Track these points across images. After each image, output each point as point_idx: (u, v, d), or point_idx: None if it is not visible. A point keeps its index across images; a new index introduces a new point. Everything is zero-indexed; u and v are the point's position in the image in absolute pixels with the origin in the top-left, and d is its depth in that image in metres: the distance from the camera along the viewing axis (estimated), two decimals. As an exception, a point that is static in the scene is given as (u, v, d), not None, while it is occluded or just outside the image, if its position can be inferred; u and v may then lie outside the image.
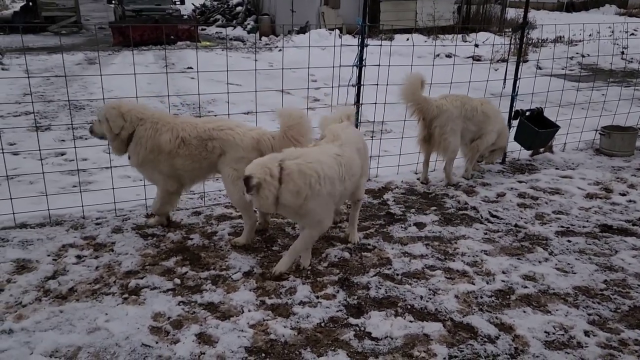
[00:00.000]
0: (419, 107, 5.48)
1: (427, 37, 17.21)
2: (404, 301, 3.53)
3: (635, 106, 8.23)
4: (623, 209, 5.11)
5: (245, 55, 16.19)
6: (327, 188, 3.57)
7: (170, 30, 18.80)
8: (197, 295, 3.55)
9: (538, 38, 14.70)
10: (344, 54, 5.57)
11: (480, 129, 5.71)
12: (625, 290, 3.74)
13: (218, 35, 22.50)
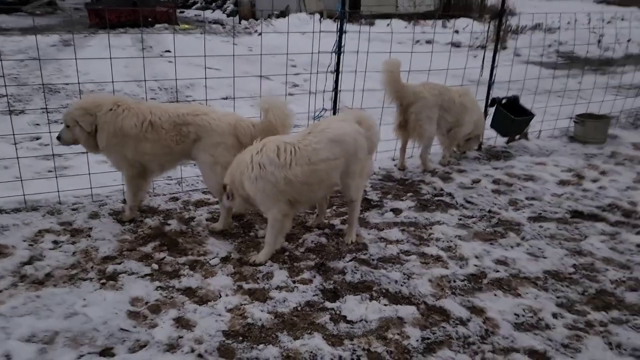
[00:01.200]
0: (397, 93, 5.52)
1: (407, 22, 17.22)
2: (379, 285, 3.60)
3: (609, 94, 8.40)
4: (594, 195, 5.25)
5: (224, 39, 16.01)
6: (256, 172, 3.64)
7: (148, 12, 18.47)
8: (175, 280, 3.57)
9: (517, 25, 14.82)
10: (324, 40, 5.56)
11: (457, 119, 5.79)
12: (593, 274, 3.87)
13: (197, 18, 22.17)
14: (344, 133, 3.82)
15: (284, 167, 3.63)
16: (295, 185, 3.68)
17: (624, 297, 3.59)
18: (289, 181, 3.65)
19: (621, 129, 7.45)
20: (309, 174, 3.69)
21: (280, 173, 3.63)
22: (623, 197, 5.20)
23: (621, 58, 12.68)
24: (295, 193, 3.74)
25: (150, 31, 16.98)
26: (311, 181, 3.73)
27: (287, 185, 3.65)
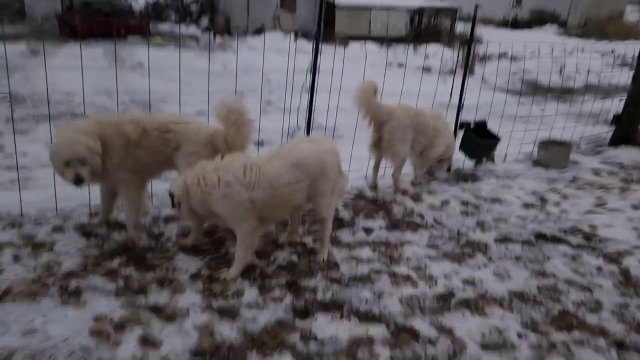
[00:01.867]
0: (371, 112, 5.60)
1: (380, 46, 17.55)
2: (349, 304, 3.61)
3: (570, 121, 8.73)
4: (556, 218, 5.41)
5: (198, 54, 15.95)
6: (223, 190, 3.64)
7: (121, 24, 18.29)
8: (141, 296, 3.49)
9: (484, 53, 15.29)
10: (299, 59, 5.63)
11: (430, 142, 5.91)
12: (556, 295, 3.97)
13: (171, 32, 22.05)
14: (306, 156, 3.87)
15: (248, 187, 3.67)
16: (259, 206, 3.73)
17: (585, 318, 3.69)
18: (253, 201, 3.69)
19: (581, 155, 7.73)
20: (271, 197, 3.74)
21: (246, 192, 3.67)
22: (584, 220, 5.38)
23: (581, 87, 13.21)
24: (260, 212, 3.78)
25: (122, 43, 16.79)
26: (273, 203, 3.79)
27: (251, 204, 3.70)
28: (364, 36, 17.05)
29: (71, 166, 3.67)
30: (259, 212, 3.77)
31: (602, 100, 9.92)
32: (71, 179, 3.71)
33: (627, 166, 7.43)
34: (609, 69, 13.44)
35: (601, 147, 8.24)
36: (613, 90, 10.81)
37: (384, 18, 21.81)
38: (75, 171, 3.68)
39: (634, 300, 3.96)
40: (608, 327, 3.60)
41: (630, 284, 4.23)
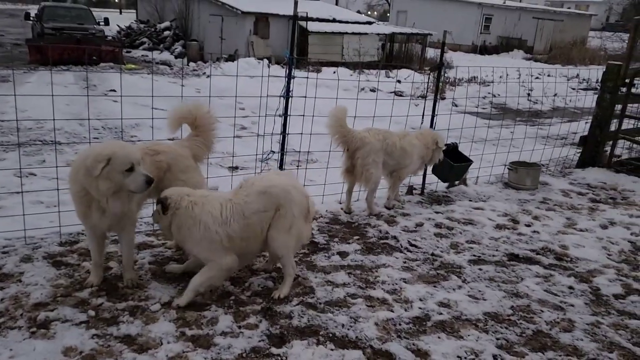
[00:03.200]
0: (344, 138, 5.65)
1: (352, 71, 17.83)
2: (325, 329, 3.58)
3: (538, 144, 8.97)
4: (528, 239, 5.51)
5: (171, 80, 15.94)
6: (202, 232, 3.64)
7: (93, 50, 18.18)
8: (113, 327, 3.41)
9: (454, 77, 15.69)
10: (272, 84, 5.68)
11: (398, 162, 5.99)
12: (530, 315, 4.02)
13: (144, 59, 22.01)
14: (272, 185, 3.85)
15: (225, 225, 3.67)
16: (236, 241, 3.72)
17: (558, 337, 3.74)
18: (231, 238, 3.69)
19: (550, 176, 7.93)
20: (245, 228, 3.74)
21: (224, 231, 3.67)
22: (555, 240, 5.49)
23: (548, 110, 13.63)
24: (238, 248, 3.76)
25: (94, 70, 16.67)
26: (247, 236, 3.77)
27: (230, 241, 3.70)
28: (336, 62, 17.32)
29: (135, 170, 3.54)
30: (238, 246, 3.75)
31: (568, 122, 10.24)
32: (143, 180, 3.54)
33: (595, 187, 7.65)
34: (575, 93, 13.91)
35: (569, 169, 8.47)
36: (579, 112, 11.18)
37: (356, 44, 22.22)
38: (144, 172, 3.58)
39: (605, 319, 4.04)
40: (581, 346, 3.65)
41: (601, 302, 4.31)
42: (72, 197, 3.64)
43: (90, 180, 3.44)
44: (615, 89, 8.02)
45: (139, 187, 3.57)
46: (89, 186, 3.47)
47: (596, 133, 8.29)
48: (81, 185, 3.52)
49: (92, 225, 3.73)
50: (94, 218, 3.62)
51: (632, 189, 7.53)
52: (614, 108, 8.16)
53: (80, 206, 3.62)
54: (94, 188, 3.47)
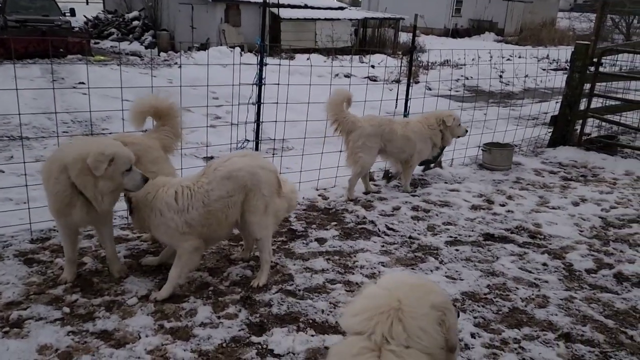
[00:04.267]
0: (338, 120, 5.75)
1: (326, 57, 17.75)
2: (305, 316, 3.59)
3: (511, 125, 9.08)
4: (503, 219, 5.60)
5: (142, 71, 15.63)
6: (158, 219, 3.63)
7: (59, 42, 17.66)
8: (88, 323, 3.35)
9: (427, 61, 15.75)
10: (246, 72, 5.60)
11: (402, 150, 6.04)
12: (506, 293, 4.09)
13: (113, 50, 21.51)
14: (237, 168, 3.73)
15: (182, 212, 3.60)
16: (196, 228, 3.66)
17: (533, 313, 3.82)
18: (190, 225, 3.63)
19: (523, 156, 8.05)
20: (206, 216, 3.66)
21: (180, 218, 3.60)
22: (528, 219, 5.59)
23: (520, 91, 13.80)
24: (199, 232, 3.70)
25: (61, 62, 16.23)
26: (209, 222, 3.70)
27: (189, 228, 3.64)
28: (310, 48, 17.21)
29: (132, 169, 3.57)
30: (198, 232, 3.69)
31: (539, 103, 10.39)
32: (140, 179, 3.58)
33: (566, 165, 7.80)
34: (545, 73, 14.11)
35: (541, 148, 8.61)
36: (549, 93, 11.35)
37: (329, 30, 22.10)
38: (139, 171, 3.62)
39: (578, 294, 4.14)
40: (555, 321, 3.74)
41: (574, 278, 4.42)
42: (49, 195, 3.53)
43: (86, 179, 3.38)
44: (584, 69, 8.14)
45: (136, 186, 3.58)
46: (84, 186, 3.40)
47: (566, 112, 8.43)
48: (66, 185, 3.42)
49: (70, 223, 3.65)
50: (76, 216, 3.55)
51: (601, 166, 7.70)
52: (583, 87, 8.30)
53: (59, 204, 3.51)
54: (90, 187, 3.41)
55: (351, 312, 2.00)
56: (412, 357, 1.86)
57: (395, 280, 2.11)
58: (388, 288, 2.03)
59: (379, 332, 1.88)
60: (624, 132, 9.34)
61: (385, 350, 1.85)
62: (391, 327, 1.90)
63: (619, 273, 4.50)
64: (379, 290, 2.04)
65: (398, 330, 1.90)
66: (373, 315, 1.93)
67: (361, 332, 1.92)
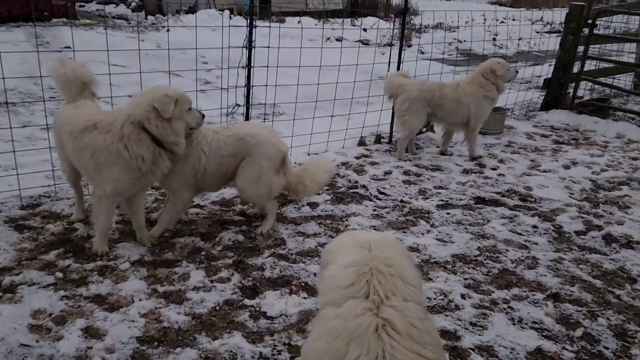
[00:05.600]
0: (388, 87, 6.05)
1: (317, 20, 17.41)
2: (298, 279, 3.62)
3: (504, 89, 9.00)
4: (494, 182, 5.62)
5: (130, 35, 15.26)
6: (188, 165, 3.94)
7: (44, 5, 17.17)
8: (82, 288, 3.37)
9: (420, 24, 15.49)
10: (235, 36, 5.48)
11: (455, 114, 6.03)
12: (496, 255, 4.14)
13: (99, 13, 20.95)
14: (251, 134, 4.06)
15: (209, 159, 3.96)
16: (207, 175, 4.00)
17: (523, 275, 3.88)
18: (205, 171, 3.96)
19: (515, 120, 8.04)
20: (217, 167, 4.00)
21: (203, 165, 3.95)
22: (519, 182, 5.62)
23: (513, 55, 13.66)
24: (203, 182, 4.04)
25: (46, 25, 15.81)
26: (216, 173, 4.04)
27: (203, 174, 3.97)
28: (300, 11, 16.86)
29: (191, 108, 3.77)
30: (203, 181, 4.02)
31: (533, 66, 10.30)
32: (200, 115, 3.84)
33: (558, 128, 7.80)
34: (539, 36, 13.96)
35: (533, 112, 8.59)
36: (543, 56, 11.25)
37: (321, -8, 21.58)
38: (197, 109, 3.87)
39: (567, 255, 4.19)
40: (544, 281, 3.80)
41: (563, 239, 4.47)
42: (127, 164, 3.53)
43: (164, 125, 3.53)
44: (577, 30, 8.06)
45: (198, 123, 3.82)
46: (164, 132, 3.54)
47: (559, 75, 8.37)
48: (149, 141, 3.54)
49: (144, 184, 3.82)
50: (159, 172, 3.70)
51: (593, 129, 7.71)
52: (576, 50, 8.23)
53: (146, 166, 3.59)
54: (169, 132, 3.56)
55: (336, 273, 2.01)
56: (411, 309, 1.90)
57: (369, 238, 2.16)
58: (365, 246, 2.08)
59: (380, 291, 1.90)
60: (616, 95, 9.32)
61: (385, 307, 1.88)
62: (391, 284, 1.93)
63: (608, 234, 4.56)
64: (359, 250, 2.07)
65: (399, 285, 1.93)
66: (361, 274, 1.95)
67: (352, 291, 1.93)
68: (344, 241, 2.21)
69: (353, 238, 2.19)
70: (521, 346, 3.10)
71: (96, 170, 3.57)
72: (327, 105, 6.19)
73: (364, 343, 1.77)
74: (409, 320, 1.85)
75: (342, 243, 2.22)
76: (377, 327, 1.80)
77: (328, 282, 2.02)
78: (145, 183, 3.79)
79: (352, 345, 1.78)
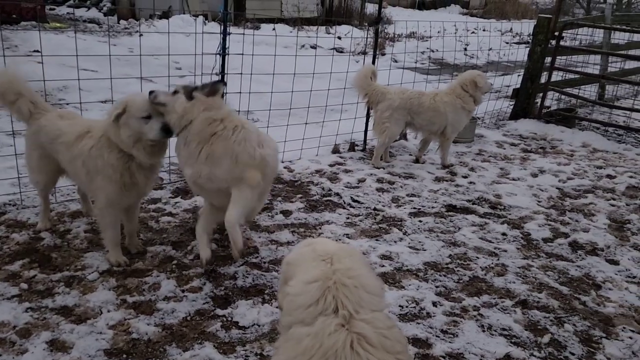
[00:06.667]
0: (368, 93, 6.06)
1: (292, 27, 17.46)
2: (270, 288, 3.60)
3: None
4: (465, 190, 5.71)
5: (101, 39, 15.03)
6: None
7: (12, 8, 16.77)
8: (47, 299, 3.28)
9: (394, 33, 15.68)
10: (209, 42, 5.45)
11: (432, 122, 6.12)
12: (466, 262, 4.20)
13: (70, 17, 20.56)
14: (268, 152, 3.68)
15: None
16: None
17: (493, 282, 3.94)
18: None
19: (486, 129, 8.19)
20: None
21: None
22: (489, 190, 5.72)
23: (484, 64, 13.94)
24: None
25: (14, 28, 15.43)
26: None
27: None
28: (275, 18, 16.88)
29: (151, 118, 3.44)
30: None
31: (502, 76, 10.54)
32: (158, 129, 3.42)
33: (526, 137, 7.98)
34: (508, 47, 14.28)
35: (503, 121, 8.78)
36: (512, 66, 11.51)
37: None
38: (162, 121, 3.45)
39: (535, 262, 4.28)
40: (513, 288, 3.87)
41: (531, 246, 4.57)
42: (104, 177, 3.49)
43: (114, 131, 3.40)
44: (545, 42, 8.28)
45: (156, 134, 3.43)
46: (117, 139, 3.42)
47: (528, 85, 8.58)
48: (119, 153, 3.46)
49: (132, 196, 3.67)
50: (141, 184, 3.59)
51: (560, 138, 7.92)
52: (544, 61, 8.45)
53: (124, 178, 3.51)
54: (119, 139, 3.42)
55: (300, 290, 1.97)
56: (380, 319, 1.91)
57: (328, 249, 2.11)
58: (326, 258, 2.03)
59: (348, 305, 1.89)
60: (582, 105, 9.59)
61: (356, 321, 1.86)
62: (357, 296, 1.92)
63: (574, 242, 4.67)
64: (319, 263, 2.03)
65: (364, 297, 1.93)
66: (326, 289, 1.92)
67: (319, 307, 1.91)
68: (304, 252, 2.16)
69: (313, 249, 2.13)
70: (491, 353, 3.14)
71: (88, 179, 3.56)
72: (301, 112, 6.20)
73: (340, 359, 1.77)
74: (381, 332, 1.85)
75: (301, 255, 2.16)
76: (351, 343, 1.80)
77: (292, 300, 1.97)
78: (135, 193, 3.65)
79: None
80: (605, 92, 10.06)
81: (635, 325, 3.53)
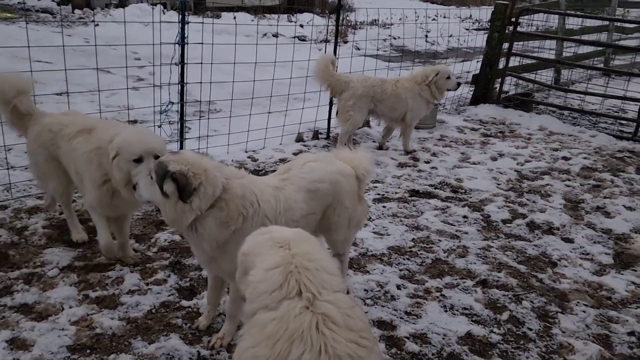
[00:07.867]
0: (330, 83, 6.05)
1: (253, 16, 17.27)
2: (236, 277, 3.60)
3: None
4: (427, 175, 5.82)
5: (55, 30, 14.52)
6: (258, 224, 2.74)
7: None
8: (6, 298, 3.20)
9: (355, 20, 15.71)
10: (168, 31, 5.35)
11: (394, 108, 6.20)
12: (429, 245, 4.30)
13: (21, 6, 19.76)
14: (319, 179, 3.02)
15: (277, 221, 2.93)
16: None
17: (454, 263, 4.05)
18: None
19: (447, 114, 8.34)
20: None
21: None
22: (451, 175, 5.85)
23: (444, 51, 14.15)
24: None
25: (-40, 19, 14.73)
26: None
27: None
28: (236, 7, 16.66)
29: (145, 162, 3.08)
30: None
31: (462, 62, 10.71)
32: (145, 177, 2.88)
33: (486, 122, 8.17)
34: (468, 33, 14.50)
35: (464, 106, 8.95)
36: (472, 52, 11.71)
37: (257, -13, 21.39)
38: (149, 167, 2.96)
39: (494, 243, 4.42)
40: (474, 269, 3.99)
41: (491, 228, 4.71)
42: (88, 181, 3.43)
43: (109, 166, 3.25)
44: (502, 28, 8.45)
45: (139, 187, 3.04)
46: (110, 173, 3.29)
47: (486, 71, 8.77)
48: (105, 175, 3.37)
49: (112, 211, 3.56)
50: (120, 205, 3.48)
51: (518, 122, 8.14)
52: (502, 47, 8.63)
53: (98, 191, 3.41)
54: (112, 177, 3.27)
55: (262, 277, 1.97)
56: (342, 299, 1.94)
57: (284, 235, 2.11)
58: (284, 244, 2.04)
59: (311, 287, 1.91)
60: (539, 90, 9.87)
61: (320, 302, 1.89)
62: (319, 278, 1.95)
63: (531, 222, 4.84)
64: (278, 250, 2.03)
65: (326, 278, 1.96)
66: (288, 273, 1.94)
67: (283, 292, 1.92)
68: (260, 241, 2.13)
69: (269, 237, 2.11)
70: (453, 332, 3.24)
71: (78, 179, 3.53)
72: (264, 101, 6.18)
73: (307, 340, 1.79)
74: (344, 312, 1.89)
75: (259, 243, 2.13)
76: (317, 324, 1.83)
77: (255, 287, 1.97)
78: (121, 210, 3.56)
79: (294, 345, 1.80)
80: (560, 76, 10.37)
81: (588, 300, 3.70)
